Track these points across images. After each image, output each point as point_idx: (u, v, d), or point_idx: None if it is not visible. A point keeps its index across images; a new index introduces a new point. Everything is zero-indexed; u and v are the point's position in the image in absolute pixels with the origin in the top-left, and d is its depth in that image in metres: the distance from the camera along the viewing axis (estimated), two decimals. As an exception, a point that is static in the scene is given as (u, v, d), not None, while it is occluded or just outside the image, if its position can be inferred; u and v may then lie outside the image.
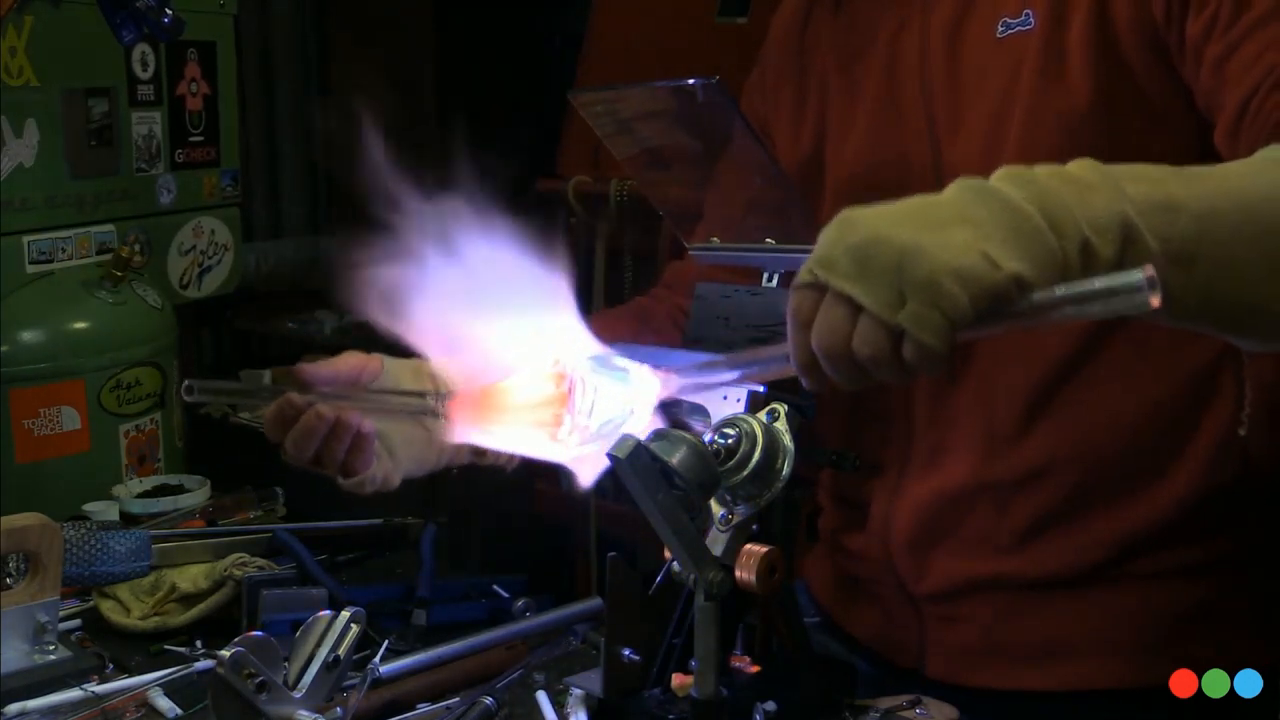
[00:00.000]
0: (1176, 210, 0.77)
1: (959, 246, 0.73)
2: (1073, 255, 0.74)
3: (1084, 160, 0.79)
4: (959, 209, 0.76)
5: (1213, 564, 1.13)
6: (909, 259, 0.73)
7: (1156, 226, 0.76)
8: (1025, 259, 0.73)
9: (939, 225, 0.75)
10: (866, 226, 0.76)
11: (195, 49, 2.40)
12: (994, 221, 0.74)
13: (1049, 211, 0.75)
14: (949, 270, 0.73)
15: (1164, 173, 0.80)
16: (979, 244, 0.73)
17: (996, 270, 0.73)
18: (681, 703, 1.01)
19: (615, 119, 1.21)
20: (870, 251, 0.75)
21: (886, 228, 0.75)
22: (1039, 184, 0.76)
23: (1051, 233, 0.74)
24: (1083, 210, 0.75)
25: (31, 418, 1.97)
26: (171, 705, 1.17)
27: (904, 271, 0.74)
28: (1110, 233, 0.75)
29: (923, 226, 0.75)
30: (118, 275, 2.12)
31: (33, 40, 2.03)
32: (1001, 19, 1.12)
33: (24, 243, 2.04)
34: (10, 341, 1.97)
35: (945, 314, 0.73)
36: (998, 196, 0.75)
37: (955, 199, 0.77)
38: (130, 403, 2.08)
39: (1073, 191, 0.76)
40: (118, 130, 2.23)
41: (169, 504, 1.71)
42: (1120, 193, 0.76)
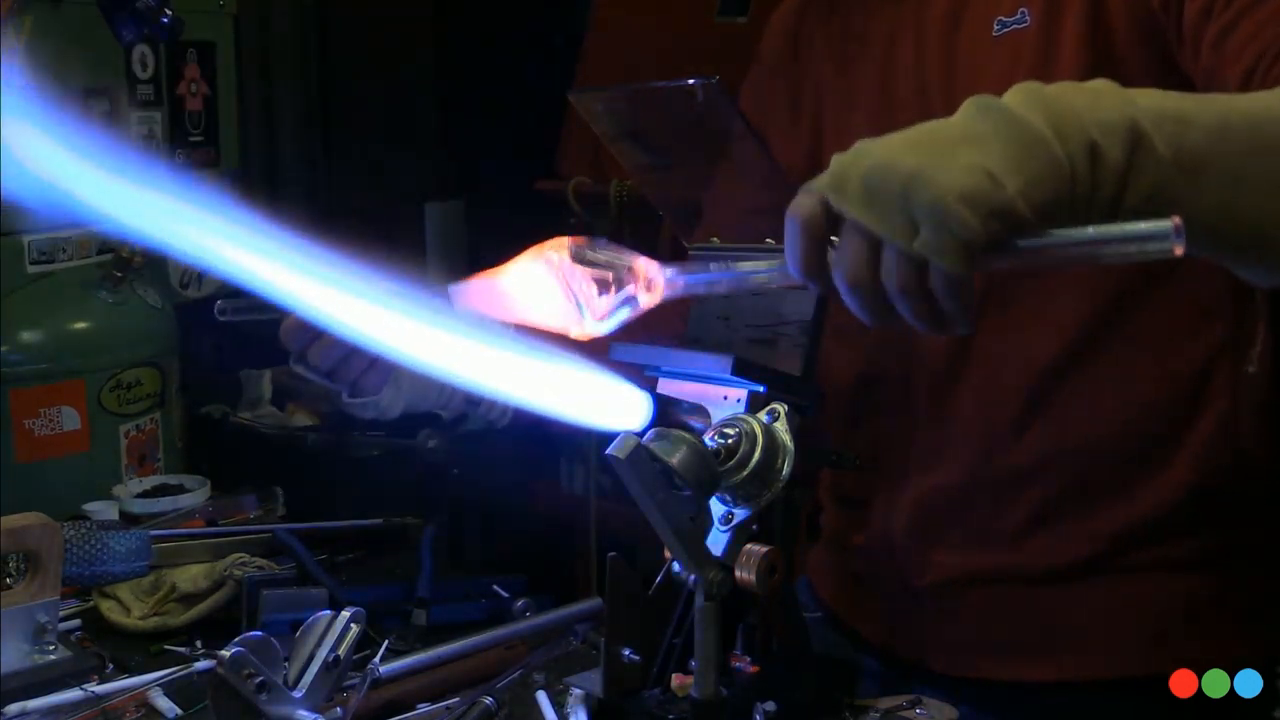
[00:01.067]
0: (1187, 122, 0.76)
1: (963, 168, 0.73)
2: (1080, 160, 0.74)
3: (1101, 79, 0.79)
4: (964, 128, 0.76)
5: (1208, 557, 1.14)
6: (914, 184, 0.73)
7: (1167, 135, 0.75)
8: (1029, 172, 0.73)
9: (945, 145, 0.75)
10: (876, 154, 0.76)
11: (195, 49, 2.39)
12: (997, 135, 0.75)
13: (1054, 116, 0.75)
14: (953, 193, 0.73)
15: (1176, 93, 0.80)
16: (982, 162, 0.73)
17: (1000, 188, 0.73)
18: (681, 703, 1.01)
19: (615, 119, 1.21)
20: (878, 178, 0.75)
21: (895, 155, 0.75)
22: (1047, 93, 0.76)
23: (1056, 139, 0.74)
24: (1091, 113, 0.75)
25: (31, 418, 1.97)
26: (171, 705, 1.17)
27: (910, 196, 0.74)
28: (1118, 134, 0.74)
29: (930, 150, 0.75)
30: (118, 275, 2.12)
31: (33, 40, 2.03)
32: (997, 18, 1.12)
33: (24, 243, 2.04)
34: (10, 341, 1.97)
35: (957, 236, 0.73)
36: (1002, 110, 0.76)
37: (962, 117, 0.77)
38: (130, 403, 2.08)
39: (1082, 96, 0.76)
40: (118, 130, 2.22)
41: (169, 504, 1.71)
42: (1131, 101, 0.76)
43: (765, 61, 1.38)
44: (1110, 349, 1.12)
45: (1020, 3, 1.11)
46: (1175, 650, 1.12)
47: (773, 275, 0.86)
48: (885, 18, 1.21)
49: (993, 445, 1.16)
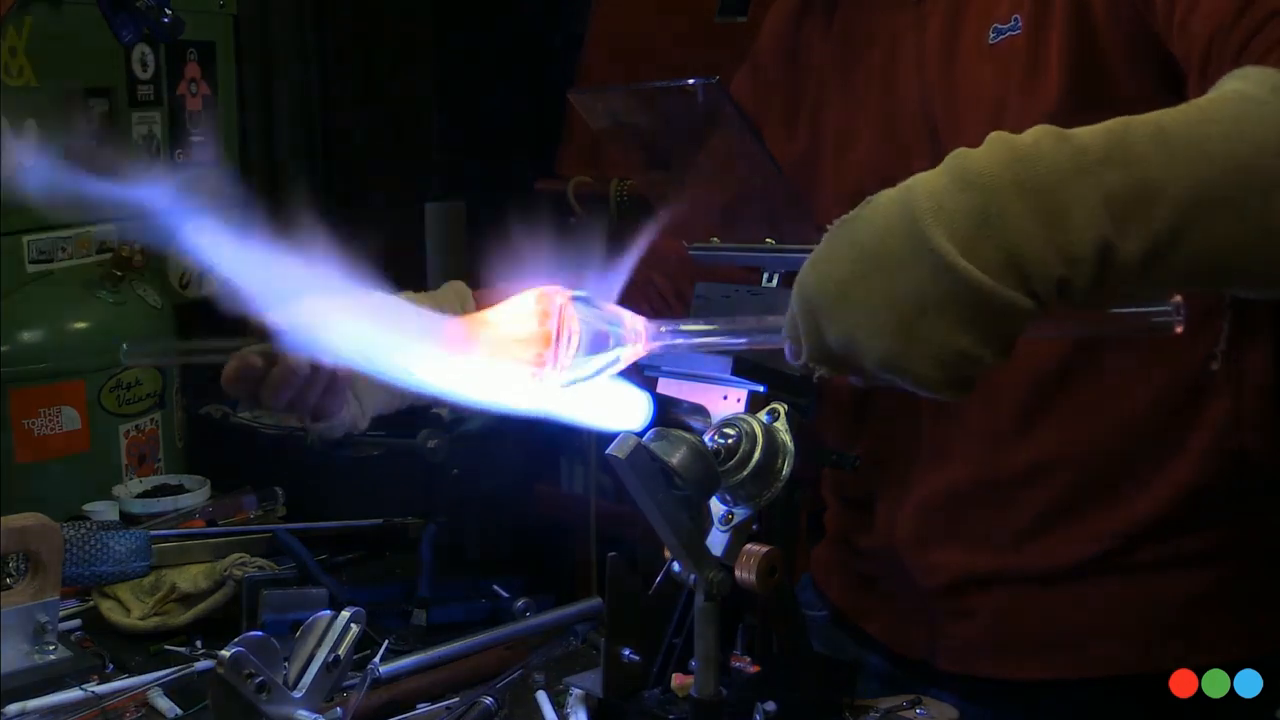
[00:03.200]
0: (1156, 199, 0.74)
1: (934, 357, 0.74)
2: (1047, 294, 0.73)
3: (1054, 141, 0.75)
4: (916, 286, 0.73)
5: (1212, 554, 1.14)
6: (892, 370, 0.75)
7: (1136, 225, 0.73)
8: (1000, 334, 0.74)
9: (905, 321, 0.73)
10: (838, 328, 0.76)
11: (195, 49, 2.40)
12: (960, 303, 0.72)
13: (1013, 258, 0.72)
14: (933, 383, 0.75)
15: (1142, 146, 0.76)
16: (952, 341, 0.73)
17: (978, 363, 0.74)
18: (681, 703, 1.01)
19: (615, 119, 1.21)
20: (852, 359, 0.76)
21: (858, 333, 0.75)
22: (998, 209, 0.73)
23: (1021, 293, 0.72)
24: (1054, 245, 0.72)
25: (31, 418, 1.97)
26: (171, 705, 1.17)
27: (891, 376, 0.76)
28: (1086, 263, 0.72)
29: (891, 329, 0.74)
30: (118, 275, 2.12)
31: (33, 40, 2.03)
32: (993, 25, 1.12)
33: (24, 243, 2.04)
34: (10, 341, 1.97)
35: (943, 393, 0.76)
36: (953, 271, 0.72)
37: (911, 270, 0.73)
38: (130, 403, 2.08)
39: (1042, 217, 0.72)
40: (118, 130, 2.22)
41: (169, 504, 1.71)
42: (1096, 194, 0.73)
43: (761, 60, 1.38)
44: (1112, 349, 1.12)
45: (1014, 9, 1.11)
46: (1178, 649, 1.12)
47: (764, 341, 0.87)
48: (887, 23, 1.21)
49: (996, 447, 1.16)
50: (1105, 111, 1.05)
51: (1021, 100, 1.09)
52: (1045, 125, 0.77)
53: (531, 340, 0.89)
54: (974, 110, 1.13)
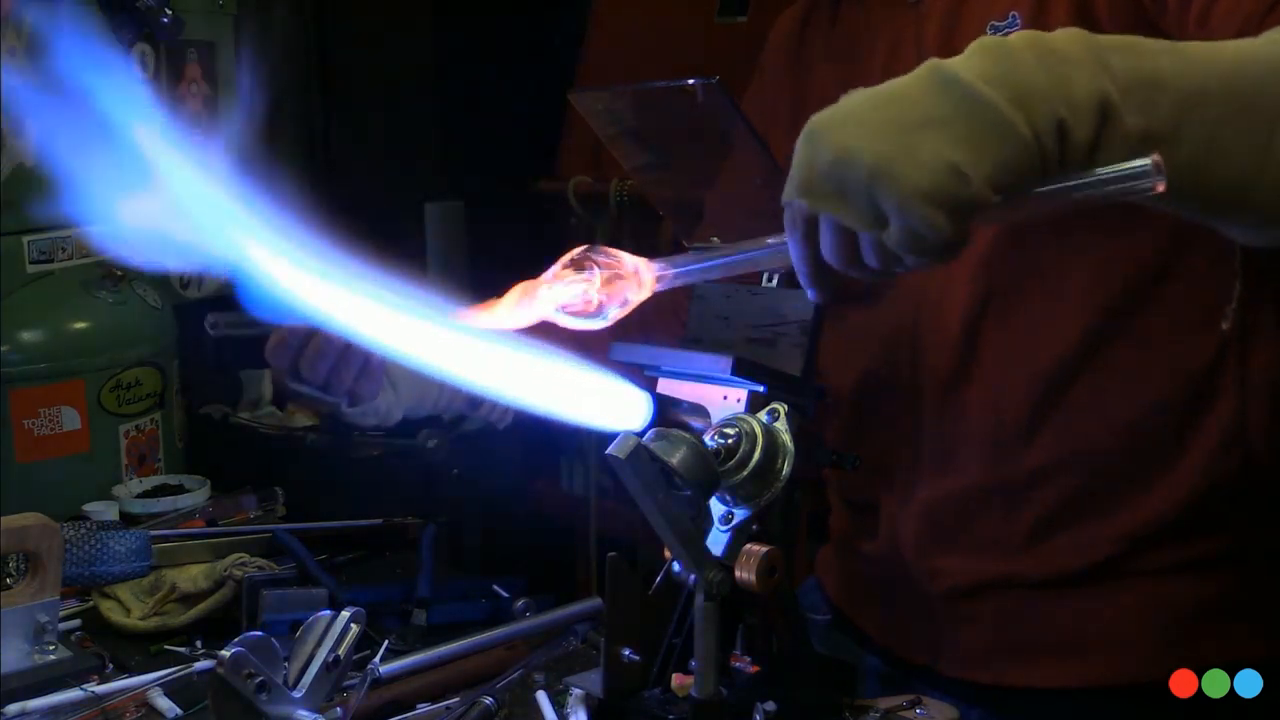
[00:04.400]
0: (1161, 88, 0.76)
1: (926, 161, 0.73)
2: (1047, 137, 0.74)
3: (1073, 30, 0.78)
4: (924, 106, 0.75)
5: (1218, 559, 1.14)
6: (879, 181, 0.74)
7: (1138, 104, 0.75)
8: (994, 157, 0.73)
9: (905, 131, 0.75)
10: (834, 140, 0.77)
11: (195, 49, 2.39)
12: (959, 117, 0.74)
13: (1020, 93, 0.74)
14: (919, 193, 0.73)
15: (1155, 46, 0.79)
16: (946, 152, 0.73)
17: (967, 184, 0.73)
18: (681, 703, 1.01)
19: (615, 119, 1.21)
20: (841, 172, 0.76)
21: (853, 141, 0.76)
22: (1011, 59, 0.75)
23: (1022, 119, 0.73)
24: (1058, 87, 0.74)
25: (31, 418, 1.97)
26: (171, 705, 1.17)
27: (876, 194, 0.74)
28: (1086, 112, 0.74)
29: (889, 136, 0.75)
30: (118, 275, 2.11)
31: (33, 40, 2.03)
32: (990, 23, 1.12)
33: (24, 243, 2.04)
34: (10, 341, 1.97)
35: (924, 235, 0.74)
36: (964, 88, 0.75)
37: (920, 92, 0.76)
38: (130, 403, 2.08)
39: (1049, 65, 0.75)
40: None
41: (169, 504, 1.71)
42: (1102, 65, 0.75)
43: (767, 71, 1.38)
44: (1116, 351, 1.12)
45: (1011, 6, 1.11)
46: (1185, 652, 1.12)
47: (767, 256, 0.87)
48: (886, 29, 1.22)
49: (1000, 451, 1.16)
50: None
51: None
52: None
53: None
54: None
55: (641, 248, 1.00)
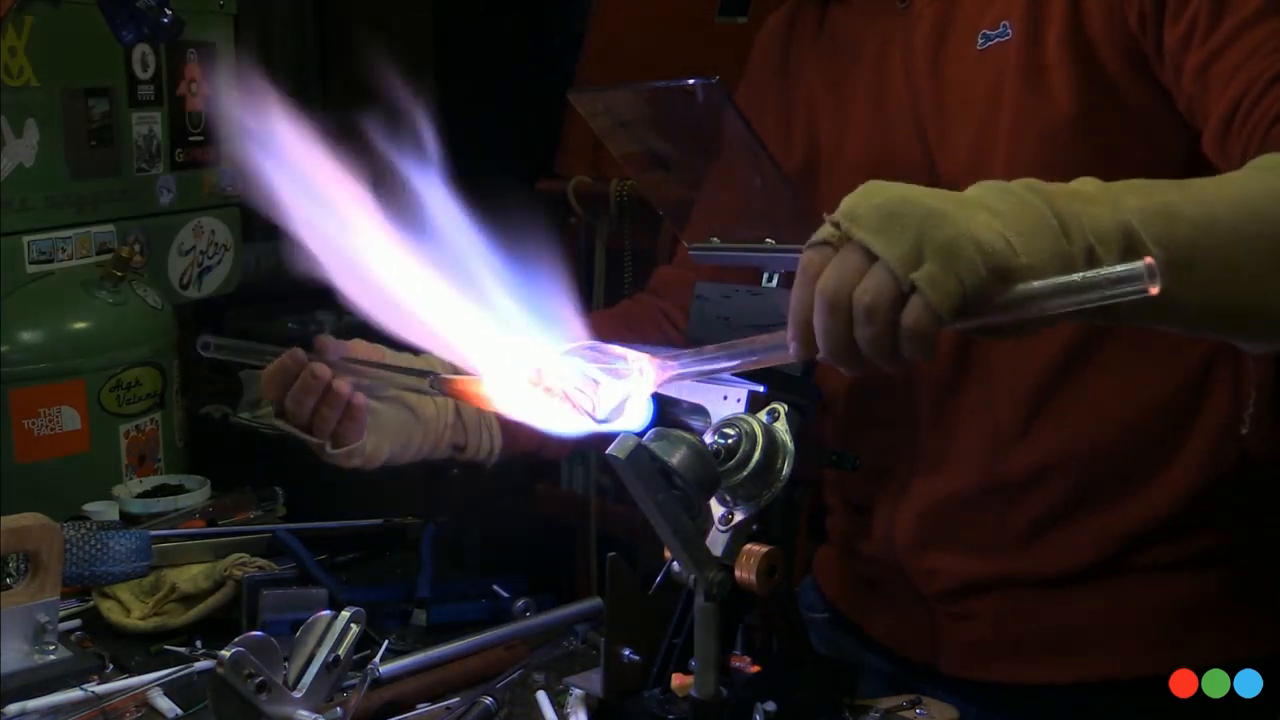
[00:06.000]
0: (1175, 218, 0.79)
1: (982, 223, 0.75)
2: (1079, 260, 0.75)
3: (1085, 178, 0.81)
4: (982, 198, 0.78)
5: (1213, 556, 1.14)
6: (934, 219, 0.74)
7: (1156, 233, 0.77)
8: (1040, 253, 0.74)
9: (964, 204, 0.77)
10: (894, 190, 0.77)
11: (195, 49, 2.39)
12: (1014, 214, 0.76)
13: (1060, 216, 0.76)
14: (972, 238, 0.73)
15: (1162, 184, 0.82)
16: (1000, 228, 0.75)
17: (1015, 254, 0.74)
18: (681, 703, 1.01)
19: (615, 119, 1.21)
20: (897, 209, 0.75)
21: (914, 192, 0.77)
22: (1047, 191, 0.78)
23: (1063, 235, 0.76)
24: (1088, 219, 0.77)
25: (31, 418, 1.97)
26: (171, 705, 1.17)
27: (927, 230, 0.74)
28: (1113, 242, 0.76)
29: (951, 200, 0.77)
30: (118, 275, 2.12)
31: (33, 40, 2.03)
32: (981, 31, 1.12)
33: (24, 243, 2.04)
34: (10, 341, 1.97)
35: (961, 279, 0.73)
36: (1017, 195, 0.77)
37: (979, 191, 0.79)
38: (130, 403, 2.08)
39: (1077, 202, 0.78)
40: (118, 130, 2.22)
41: (169, 504, 1.71)
42: (1120, 204, 0.78)
43: (755, 75, 1.38)
44: (1110, 351, 1.12)
45: (1002, 16, 1.11)
46: (1181, 650, 1.12)
47: (765, 358, 0.87)
48: (873, 33, 1.22)
49: (995, 452, 1.16)
50: (1115, 119, 1.06)
51: (1020, 103, 1.09)
52: None
53: None
54: (964, 113, 1.14)
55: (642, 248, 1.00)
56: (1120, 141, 1.06)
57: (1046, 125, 1.07)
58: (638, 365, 0.91)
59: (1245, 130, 0.95)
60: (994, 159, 1.10)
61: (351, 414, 1.22)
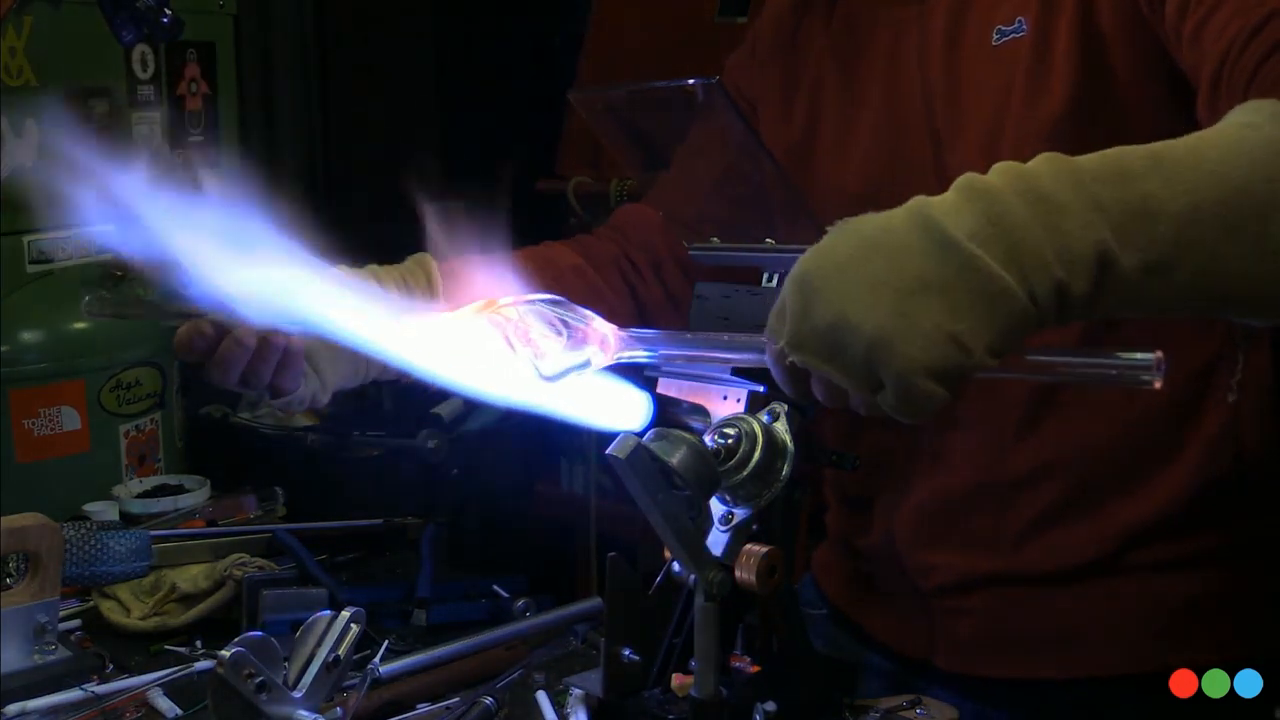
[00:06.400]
0: (1154, 216, 0.76)
1: (927, 333, 0.73)
2: (1046, 300, 0.74)
3: (1051, 159, 0.77)
4: (920, 268, 0.74)
5: (1211, 555, 1.14)
6: (877, 353, 0.74)
7: (1134, 238, 0.75)
8: (995, 327, 0.74)
9: (902, 297, 0.74)
10: (829, 302, 0.75)
11: (195, 49, 2.39)
12: (960, 287, 0.73)
13: (1016, 256, 0.73)
14: (920, 369, 0.73)
15: (1138, 165, 0.78)
16: (946, 324, 0.73)
17: (968, 355, 0.73)
18: (681, 703, 1.01)
19: (615, 119, 1.21)
20: (838, 339, 0.75)
21: (850, 307, 0.74)
22: (1003, 215, 0.74)
23: (1020, 287, 0.73)
24: (1054, 246, 0.74)
25: (31, 418, 1.97)
26: (171, 705, 1.17)
27: (874, 365, 0.74)
28: (1084, 265, 0.74)
29: (886, 302, 0.74)
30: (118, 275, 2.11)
31: (33, 40, 2.03)
32: (996, 26, 1.12)
33: (24, 243, 2.04)
34: (10, 341, 1.97)
35: (922, 405, 0.75)
36: (960, 252, 0.74)
37: (915, 249, 0.75)
38: (130, 403, 2.08)
39: (1042, 217, 0.74)
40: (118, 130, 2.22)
41: (169, 504, 1.71)
42: (1094, 206, 0.75)
43: (761, 43, 1.37)
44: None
45: (1018, 11, 1.11)
46: (1179, 648, 1.13)
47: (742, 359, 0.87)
48: (889, 19, 1.21)
49: (995, 450, 1.16)
50: (1112, 116, 1.05)
51: (1026, 102, 1.09)
52: (1047, 153, 0.79)
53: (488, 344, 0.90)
54: (976, 110, 1.13)
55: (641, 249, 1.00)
56: (1119, 137, 1.05)
57: (1045, 121, 1.07)
58: (600, 333, 0.91)
59: (1230, 85, 0.92)
60: (1000, 155, 1.09)
61: (286, 363, 1.15)
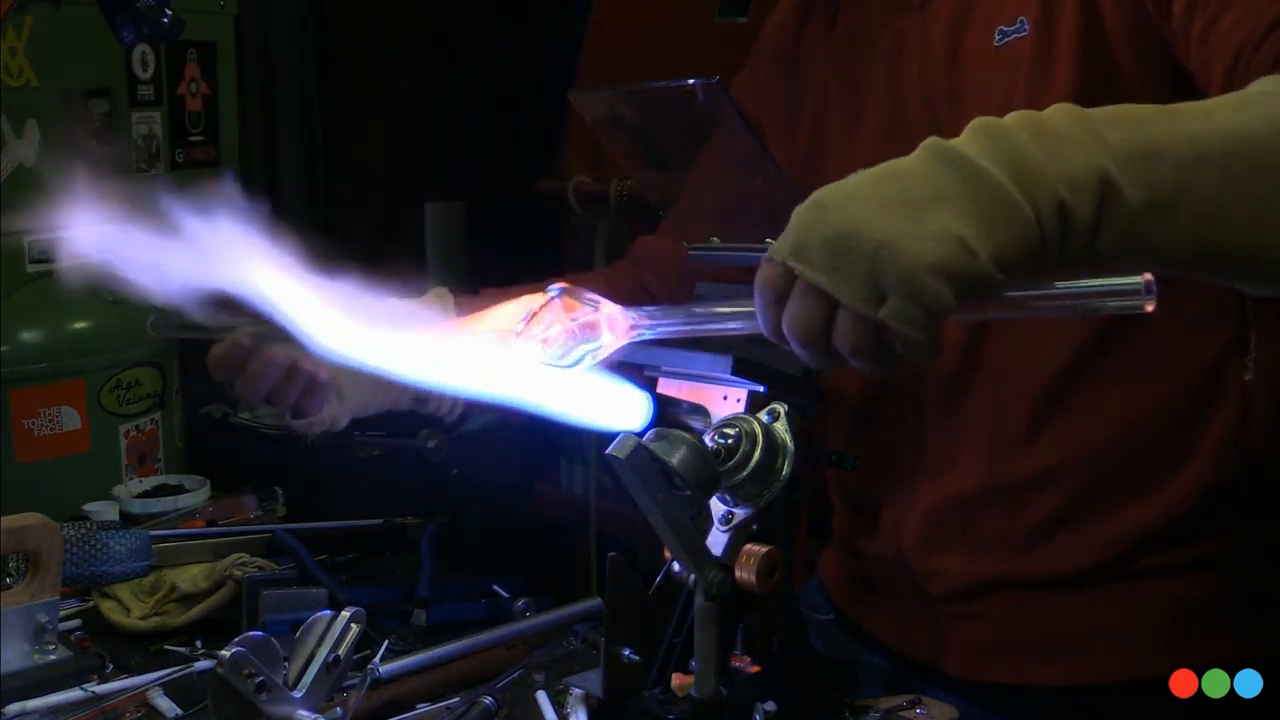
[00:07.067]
0: (1159, 156, 0.75)
1: (933, 235, 0.73)
2: (1049, 222, 0.73)
3: (1063, 105, 0.78)
4: (930, 183, 0.75)
5: (1219, 559, 1.14)
6: (884, 253, 0.73)
7: (1137, 176, 0.74)
8: (1001, 237, 0.73)
9: (912, 207, 0.74)
10: (840, 215, 0.75)
11: (195, 49, 2.39)
12: (967, 196, 0.73)
13: (1021, 174, 0.73)
14: (926, 265, 0.72)
15: (1148, 114, 0.78)
16: (954, 227, 0.73)
17: (974, 258, 0.72)
18: (681, 703, 1.01)
19: (615, 119, 1.21)
20: (844, 245, 0.74)
21: (860, 215, 0.74)
22: (1010, 140, 0.75)
23: (1025, 200, 0.73)
24: (1057, 168, 0.74)
25: (31, 418, 1.97)
26: (171, 705, 1.17)
27: (880, 266, 0.73)
28: (1086, 191, 0.73)
29: (896, 210, 0.74)
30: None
31: (33, 40, 2.03)
32: (998, 28, 1.12)
33: (24, 243, 2.04)
34: (10, 341, 1.97)
35: (928, 308, 0.73)
36: (967, 164, 0.74)
37: (925, 170, 0.76)
38: (130, 403, 2.08)
39: (1047, 145, 0.74)
40: (118, 130, 2.22)
41: (169, 504, 1.71)
42: (1098, 141, 0.75)
43: (764, 60, 1.37)
44: (1119, 353, 1.12)
45: (1019, 11, 1.10)
46: (1183, 651, 1.12)
47: (740, 328, 0.86)
48: (890, 27, 1.21)
49: (1002, 453, 1.16)
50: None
51: (1028, 101, 1.08)
52: None
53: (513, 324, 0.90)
54: (979, 112, 1.12)
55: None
56: None
57: None
58: (608, 315, 0.91)
59: (1246, 79, 0.91)
60: None
61: (313, 390, 1.20)
